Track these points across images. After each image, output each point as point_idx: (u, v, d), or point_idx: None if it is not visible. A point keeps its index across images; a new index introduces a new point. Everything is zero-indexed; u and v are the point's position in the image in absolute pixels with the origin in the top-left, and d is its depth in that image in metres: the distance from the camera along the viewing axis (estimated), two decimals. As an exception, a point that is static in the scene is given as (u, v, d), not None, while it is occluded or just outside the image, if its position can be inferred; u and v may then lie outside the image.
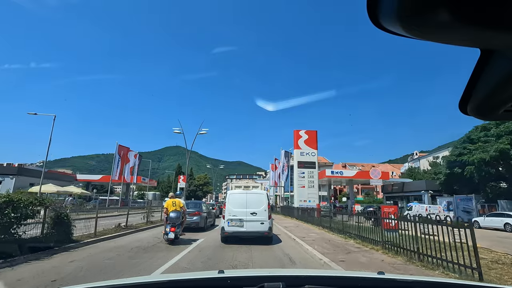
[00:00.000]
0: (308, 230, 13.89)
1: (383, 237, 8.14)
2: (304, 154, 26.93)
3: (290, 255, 7.42)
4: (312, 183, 26.39)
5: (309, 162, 26.74)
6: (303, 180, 26.41)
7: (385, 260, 6.50)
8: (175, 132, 27.23)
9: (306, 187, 26.26)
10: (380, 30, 0.50)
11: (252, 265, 6.10)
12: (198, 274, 1.73)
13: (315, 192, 26.24)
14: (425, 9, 0.41)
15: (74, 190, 34.83)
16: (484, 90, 0.56)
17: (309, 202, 25.91)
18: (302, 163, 26.72)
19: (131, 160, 37.33)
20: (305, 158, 26.86)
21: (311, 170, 26.60)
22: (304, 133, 27.39)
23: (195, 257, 6.77)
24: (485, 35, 0.43)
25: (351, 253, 7.36)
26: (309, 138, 27.25)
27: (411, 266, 5.88)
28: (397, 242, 7.26)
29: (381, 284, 1.51)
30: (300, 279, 1.46)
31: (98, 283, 1.42)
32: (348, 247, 8.58)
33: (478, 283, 2.15)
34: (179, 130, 27.40)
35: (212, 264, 6.10)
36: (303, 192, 26.16)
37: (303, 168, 26.61)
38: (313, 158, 26.93)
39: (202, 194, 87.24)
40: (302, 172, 26.54)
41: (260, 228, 9.26)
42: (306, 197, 26.07)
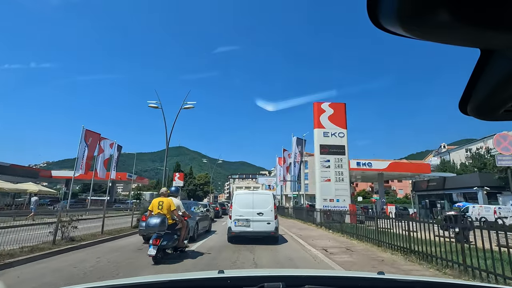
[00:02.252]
0: (369, 253, 5.96)
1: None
2: (328, 134, 19.28)
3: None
4: (341, 175, 18.72)
5: (336, 146, 19.10)
6: (327, 171, 18.74)
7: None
8: (151, 106, 19.82)
9: (332, 181, 18.59)
10: (380, 30, 0.49)
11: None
12: (198, 274, 1.74)
13: (345, 188, 18.59)
14: (425, 10, 0.40)
15: (30, 188, 27.66)
16: (484, 90, 0.56)
17: (337, 201, 18.27)
18: (326, 147, 19.06)
19: (105, 151, 29.98)
20: (330, 141, 19.19)
21: (339, 157, 18.96)
22: (328, 107, 19.73)
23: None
24: (485, 35, 0.43)
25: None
26: (336, 113, 19.60)
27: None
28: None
29: (381, 284, 1.49)
30: (300, 279, 1.46)
31: (98, 283, 1.46)
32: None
33: (478, 283, 2.14)
34: (156, 104, 20.01)
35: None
36: (329, 188, 18.49)
37: (328, 154, 18.96)
38: (341, 141, 19.27)
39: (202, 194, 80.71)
40: (326, 160, 18.88)
41: (266, 228, 9.50)
42: (332, 195, 18.40)
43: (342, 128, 19.46)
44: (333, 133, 19.33)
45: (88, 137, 26.23)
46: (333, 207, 17.72)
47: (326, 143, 19.14)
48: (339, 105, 19.91)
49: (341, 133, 19.38)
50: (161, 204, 6.91)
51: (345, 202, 18.31)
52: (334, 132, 19.35)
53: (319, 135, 19.29)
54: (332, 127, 19.43)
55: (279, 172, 42.68)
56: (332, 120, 19.49)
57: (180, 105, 19.70)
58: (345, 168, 18.86)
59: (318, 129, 19.39)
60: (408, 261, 6.59)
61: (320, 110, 19.60)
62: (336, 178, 18.65)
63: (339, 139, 19.28)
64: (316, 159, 19.09)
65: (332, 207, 17.90)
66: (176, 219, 7.15)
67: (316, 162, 19.04)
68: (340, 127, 19.48)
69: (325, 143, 19.14)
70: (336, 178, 18.65)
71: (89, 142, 26.50)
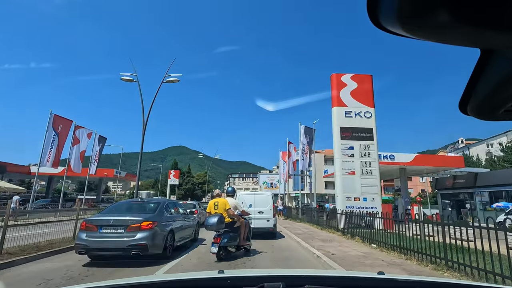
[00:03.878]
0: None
1: None
2: (351, 114, 14.95)
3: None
4: (368, 167, 14.39)
5: (362, 129, 14.78)
6: (350, 161, 14.42)
7: None
8: (124, 79, 15.55)
9: (357, 174, 14.26)
10: (380, 30, 0.49)
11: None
12: (198, 274, 1.73)
13: (375, 184, 14.25)
14: (425, 10, 0.41)
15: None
16: (484, 90, 0.56)
17: (364, 200, 13.96)
18: (349, 130, 14.74)
19: (81, 141, 25.67)
20: (353, 122, 14.87)
21: (365, 143, 14.63)
22: (350, 79, 15.38)
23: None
24: (485, 36, 0.44)
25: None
26: (360, 87, 15.27)
27: None
28: None
29: (382, 284, 1.48)
30: (300, 279, 1.45)
31: (98, 283, 1.45)
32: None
33: (478, 283, 2.18)
34: (131, 77, 15.76)
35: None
36: (353, 183, 14.16)
37: (351, 139, 14.64)
38: (368, 122, 14.94)
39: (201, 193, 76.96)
40: (349, 146, 14.56)
41: (266, 225, 10.53)
42: (358, 192, 14.08)
43: (368, 107, 15.13)
44: (357, 113, 14.98)
45: (58, 123, 21.93)
46: (359, 208, 13.42)
47: (349, 125, 14.80)
48: (364, 77, 15.56)
49: (367, 112, 15.05)
50: (216, 204, 7.33)
51: (374, 201, 13.99)
52: (359, 112, 15.01)
53: (339, 115, 14.95)
54: (356, 104, 15.09)
55: (283, 168, 38.31)
56: (356, 96, 15.15)
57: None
58: (374, 158, 14.53)
59: (338, 107, 15.05)
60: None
61: (340, 83, 15.26)
62: (362, 170, 14.32)
63: (365, 120, 14.95)
64: (335, 146, 14.75)
65: (358, 207, 13.58)
66: (234, 217, 7.32)
67: (336, 150, 14.70)
68: (366, 105, 15.15)
69: (347, 125, 14.80)
70: (362, 170, 14.31)
71: (59, 130, 22.22)
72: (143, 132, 15.21)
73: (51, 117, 21.37)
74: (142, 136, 15.14)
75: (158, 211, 7.62)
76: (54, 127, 21.75)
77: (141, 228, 6.76)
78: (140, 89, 15.61)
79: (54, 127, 21.76)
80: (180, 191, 77.32)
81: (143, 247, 6.75)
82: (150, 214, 7.39)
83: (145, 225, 6.81)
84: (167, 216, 7.93)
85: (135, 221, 6.84)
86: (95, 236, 6.86)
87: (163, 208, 8.00)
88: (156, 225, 7.01)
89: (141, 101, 15.37)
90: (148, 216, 7.18)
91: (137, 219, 6.87)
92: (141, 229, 6.75)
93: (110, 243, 6.79)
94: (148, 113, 15.40)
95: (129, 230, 6.72)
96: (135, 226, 6.78)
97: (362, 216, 11.31)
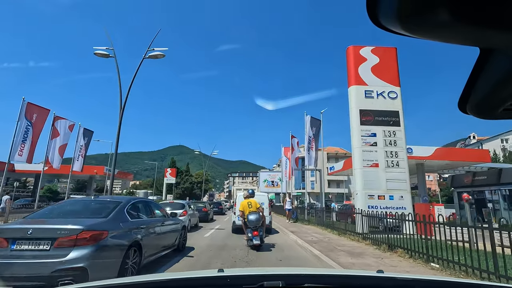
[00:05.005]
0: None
1: None
2: (372, 94, 12.31)
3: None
4: (395, 157, 11.75)
5: (386, 113, 12.13)
6: (373, 150, 11.78)
7: None
8: (98, 54, 12.91)
9: (382, 167, 11.61)
10: (380, 29, 0.50)
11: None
12: (197, 273, 1.71)
13: (403, 178, 11.59)
14: (425, 9, 0.41)
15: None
16: (483, 89, 0.56)
17: (391, 199, 11.33)
18: (370, 113, 12.10)
19: (61, 134, 23.04)
20: (375, 104, 12.23)
21: (391, 129, 11.98)
22: (370, 53, 12.71)
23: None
24: (485, 35, 0.44)
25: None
26: (383, 62, 12.62)
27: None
28: None
29: (381, 283, 1.47)
30: (300, 278, 1.46)
31: (98, 282, 1.45)
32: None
33: (478, 281, 2.13)
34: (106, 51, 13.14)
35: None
36: (376, 177, 11.53)
37: (372, 124, 12.00)
38: (393, 104, 12.30)
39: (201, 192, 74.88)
40: (370, 133, 11.92)
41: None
42: (382, 189, 11.44)
43: (393, 85, 12.48)
44: (380, 93, 12.34)
45: (32, 113, 19.26)
46: (384, 208, 10.81)
47: (370, 108, 12.16)
48: (387, 50, 12.88)
49: (392, 92, 12.40)
50: (249, 204, 8.23)
51: (403, 200, 11.35)
52: (382, 91, 12.36)
53: (358, 95, 12.30)
54: (378, 83, 12.44)
55: (285, 165, 35.66)
56: (378, 72, 12.50)
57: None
58: (401, 147, 11.88)
59: (356, 86, 12.39)
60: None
61: (358, 58, 12.61)
62: (388, 162, 11.68)
63: (389, 102, 12.30)
64: (353, 132, 12.11)
65: (384, 207, 10.96)
66: (261, 214, 8.25)
67: (354, 138, 12.05)
68: (391, 83, 12.50)
69: (367, 108, 12.16)
70: (387, 162, 11.67)
71: (33, 120, 19.58)
72: (120, 114, 12.61)
73: (24, 105, 18.72)
74: (119, 118, 12.53)
75: (113, 215, 5.09)
76: (27, 117, 19.11)
77: (77, 243, 4.24)
78: (117, 65, 12.98)
79: (28, 116, 19.12)
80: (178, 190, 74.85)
81: (79, 273, 4.16)
82: (98, 219, 4.88)
83: (85, 237, 4.28)
84: (131, 221, 5.39)
85: (68, 231, 4.28)
86: (3, 255, 4.25)
87: (124, 210, 5.43)
88: (107, 236, 4.53)
89: (118, 78, 12.74)
90: (94, 222, 4.67)
91: (72, 228, 4.31)
92: (77, 243, 4.23)
93: (24, 267, 4.15)
94: (127, 93, 12.79)
95: (58, 246, 4.23)
96: (68, 239, 4.25)
97: (381, 218, 8.75)
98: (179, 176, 73.49)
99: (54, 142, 22.48)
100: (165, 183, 51.23)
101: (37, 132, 19.90)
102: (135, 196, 19.27)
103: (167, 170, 53.49)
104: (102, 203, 5.76)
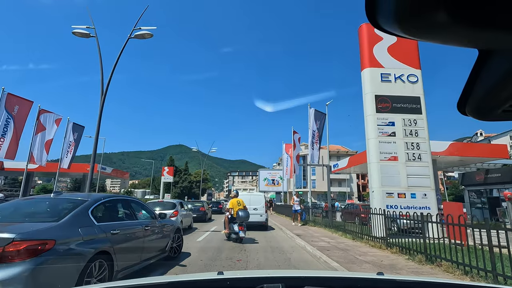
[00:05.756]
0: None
1: None
2: (389, 78, 10.78)
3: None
4: (416, 150, 10.22)
5: (406, 99, 10.61)
6: (391, 142, 10.26)
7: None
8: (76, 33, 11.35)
9: (401, 161, 10.09)
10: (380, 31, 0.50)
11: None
12: (197, 276, 1.76)
13: (426, 173, 10.06)
14: (423, 11, 0.41)
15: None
16: (482, 91, 0.56)
17: (413, 197, 9.81)
18: (387, 99, 10.56)
19: (47, 128, 21.47)
20: (393, 89, 10.70)
21: (411, 117, 10.46)
22: (386, 31, 11.13)
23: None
24: (483, 36, 0.44)
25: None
26: (401, 41, 11.06)
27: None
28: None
29: (381, 285, 1.47)
30: (300, 280, 1.43)
31: (98, 285, 1.39)
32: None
33: (478, 283, 2.13)
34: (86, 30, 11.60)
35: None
36: (395, 172, 10.02)
37: (390, 112, 10.48)
38: (414, 89, 10.77)
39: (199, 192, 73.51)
40: (388, 122, 10.39)
41: (259, 219, 12.99)
42: (403, 185, 9.93)
43: (413, 68, 10.95)
44: (398, 76, 10.80)
45: (12, 104, 17.68)
46: (405, 208, 9.30)
47: (387, 93, 10.63)
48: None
49: (412, 75, 10.86)
50: (239, 202, 9.57)
51: (426, 198, 9.82)
52: (400, 74, 10.82)
53: (373, 79, 10.77)
54: (396, 64, 10.91)
55: (287, 162, 34.13)
56: (395, 53, 10.97)
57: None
58: (423, 137, 10.35)
59: (371, 68, 10.86)
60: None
61: (372, 37, 11.06)
62: (408, 155, 10.15)
63: (409, 86, 10.77)
64: (368, 121, 10.58)
65: (405, 207, 9.45)
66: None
67: (369, 127, 10.53)
68: (410, 65, 10.97)
69: (384, 93, 10.62)
70: (407, 155, 10.15)
71: (14, 113, 18.01)
72: (102, 100, 11.08)
73: (4, 96, 17.15)
74: (101, 104, 11.00)
75: (68, 218, 3.86)
76: (7, 108, 17.54)
77: (4, 258, 3.03)
78: (98, 46, 11.44)
79: (8, 108, 17.56)
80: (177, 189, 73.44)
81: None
82: (44, 224, 3.69)
83: (16, 250, 3.08)
84: (98, 225, 4.19)
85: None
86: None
87: (87, 211, 4.21)
88: (53, 246, 3.32)
89: (100, 59, 11.20)
90: (34, 229, 3.47)
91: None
92: (4, 259, 3.03)
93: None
94: (110, 76, 11.25)
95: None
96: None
97: (417, 220, 7.24)
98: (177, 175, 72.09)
99: (40, 137, 20.91)
100: (162, 182, 49.71)
101: (19, 126, 18.31)
102: (111, 194, 17.52)
103: (164, 168, 51.94)
104: (59, 203, 4.49)
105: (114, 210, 5.00)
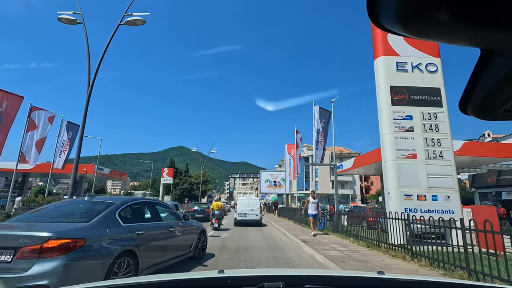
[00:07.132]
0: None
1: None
2: (405, 67, 9.75)
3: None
4: (437, 146, 9.16)
5: (425, 90, 9.57)
6: (408, 137, 9.20)
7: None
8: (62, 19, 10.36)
9: (421, 158, 9.02)
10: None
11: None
12: (197, 274, 1.72)
13: (449, 173, 9.01)
14: (425, 10, 0.41)
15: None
16: (484, 90, 0.56)
17: (434, 199, 8.72)
18: (404, 91, 9.51)
19: (39, 127, 20.50)
20: (410, 79, 9.66)
21: (430, 110, 9.41)
22: (401, 16, 10.08)
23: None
24: (485, 35, 0.44)
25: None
26: (418, 27, 9.98)
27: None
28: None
29: (381, 284, 1.46)
30: (300, 279, 1.42)
31: (98, 283, 1.42)
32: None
33: (478, 283, 2.07)
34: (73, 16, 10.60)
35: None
36: (413, 171, 8.93)
37: (406, 104, 9.42)
38: (433, 79, 9.74)
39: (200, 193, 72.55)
40: (405, 115, 9.33)
41: (255, 218, 16.91)
42: (423, 186, 8.84)
43: (432, 56, 9.91)
44: (416, 65, 9.76)
45: (0, 100, 16.79)
46: (426, 212, 8.22)
47: (403, 84, 9.58)
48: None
49: (431, 64, 9.82)
50: (217, 205, 13.66)
51: (449, 201, 8.73)
52: (418, 63, 9.78)
53: (388, 68, 9.73)
54: (413, 52, 9.87)
55: (289, 163, 33.06)
56: (412, 40, 9.88)
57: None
58: (445, 132, 9.29)
59: (386, 56, 9.82)
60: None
61: (386, 22, 10.00)
62: (428, 152, 9.08)
63: (428, 76, 9.72)
64: (382, 115, 9.52)
65: (426, 211, 8.37)
66: (223, 212, 14.97)
67: (384, 122, 9.47)
68: (428, 53, 9.93)
69: (400, 84, 9.57)
70: (427, 152, 9.08)
71: (2, 108, 17.06)
72: (88, 94, 10.08)
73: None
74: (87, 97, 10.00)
75: (98, 219, 4.12)
76: (-8, 104, 16.61)
77: (41, 254, 3.28)
78: (86, 33, 10.46)
79: (-7, 104, 16.62)
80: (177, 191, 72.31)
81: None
82: (76, 224, 3.95)
83: (52, 247, 3.34)
84: (124, 226, 4.41)
85: (31, 239, 3.36)
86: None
87: (115, 213, 4.45)
88: (83, 244, 3.59)
89: (87, 45, 10.21)
90: (68, 228, 3.72)
91: (36, 236, 3.39)
92: (41, 255, 3.28)
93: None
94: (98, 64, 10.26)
95: (21, 257, 3.28)
96: (31, 249, 3.31)
97: (413, 223, 6.19)
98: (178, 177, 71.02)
99: (31, 135, 19.95)
100: (162, 184, 48.71)
101: (7, 123, 17.32)
102: (136, 196, 17.61)
103: (164, 170, 50.91)
104: (90, 205, 4.76)
105: (140, 212, 5.23)
